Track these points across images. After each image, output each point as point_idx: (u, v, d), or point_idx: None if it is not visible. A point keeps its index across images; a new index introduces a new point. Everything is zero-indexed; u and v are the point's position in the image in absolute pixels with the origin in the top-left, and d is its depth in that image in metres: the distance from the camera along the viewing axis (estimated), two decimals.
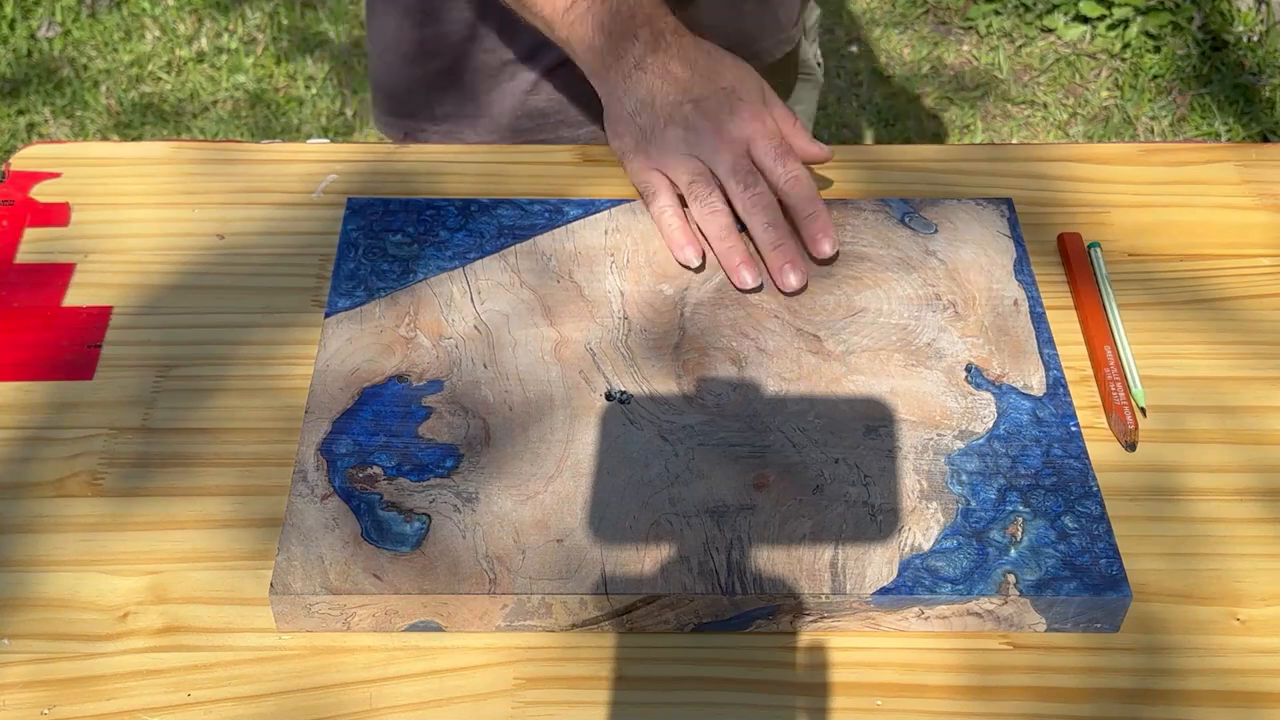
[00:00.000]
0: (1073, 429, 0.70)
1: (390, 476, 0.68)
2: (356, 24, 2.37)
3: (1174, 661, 0.64)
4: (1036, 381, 0.72)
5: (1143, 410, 0.73)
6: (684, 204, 0.79)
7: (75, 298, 0.79)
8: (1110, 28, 2.38)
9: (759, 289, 0.75)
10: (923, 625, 0.64)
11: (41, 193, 0.85)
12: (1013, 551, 0.65)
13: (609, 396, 0.72)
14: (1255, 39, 2.33)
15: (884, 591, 0.63)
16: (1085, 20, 2.40)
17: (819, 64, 1.15)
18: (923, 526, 0.66)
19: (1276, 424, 0.73)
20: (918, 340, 0.75)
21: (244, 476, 0.70)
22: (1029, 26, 2.42)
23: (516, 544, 0.65)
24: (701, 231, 0.78)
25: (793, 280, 0.74)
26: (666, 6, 0.83)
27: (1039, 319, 0.76)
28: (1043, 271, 0.80)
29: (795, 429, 0.70)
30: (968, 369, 0.73)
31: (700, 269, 0.76)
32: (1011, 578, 0.64)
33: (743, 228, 0.79)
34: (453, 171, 0.87)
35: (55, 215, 0.84)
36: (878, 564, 0.64)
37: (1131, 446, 0.72)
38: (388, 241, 0.80)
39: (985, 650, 0.64)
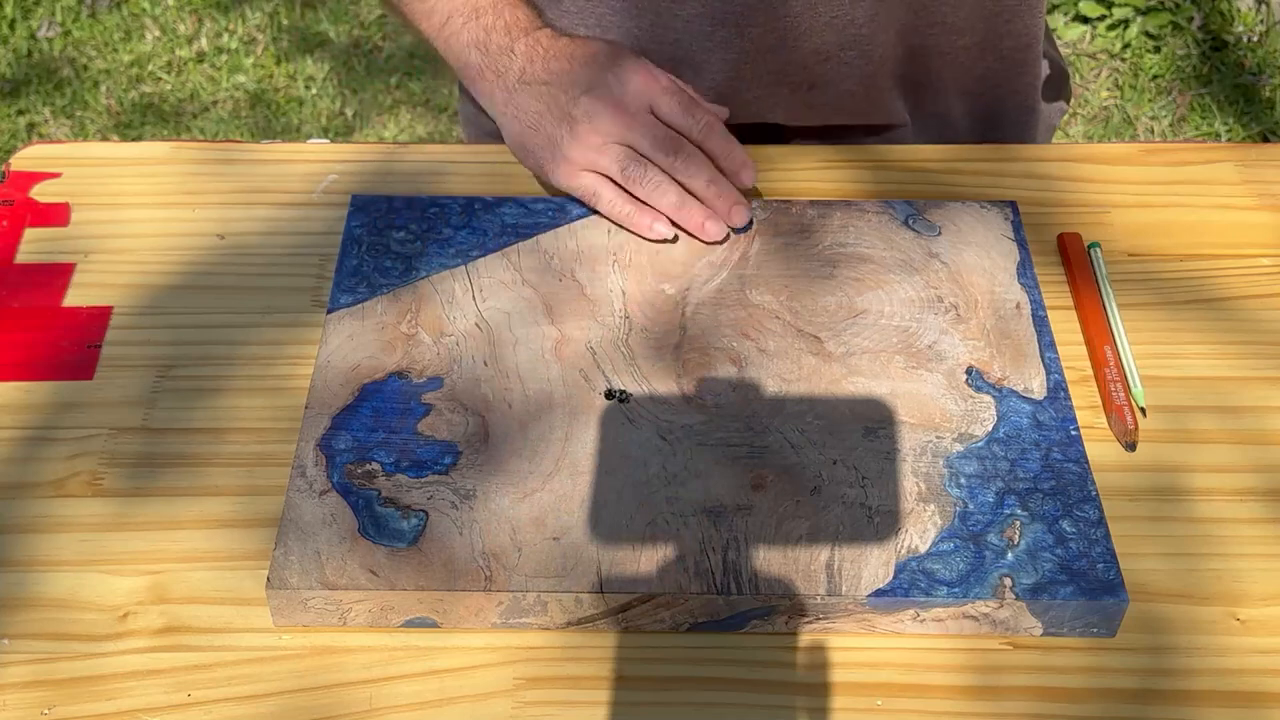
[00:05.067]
0: (1072, 433, 0.70)
1: (388, 473, 0.68)
2: (356, 24, 2.37)
3: (1174, 661, 0.64)
4: (1037, 385, 0.72)
5: (1143, 410, 0.73)
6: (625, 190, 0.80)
7: (75, 298, 0.79)
8: (1110, 28, 2.38)
9: (726, 238, 0.79)
10: (918, 628, 0.64)
11: (41, 193, 0.85)
12: (1009, 555, 0.65)
13: (608, 395, 0.72)
14: (1255, 39, 2.33)
15: (880, 593, 0.63)
16: (1085, 20, 2.40)
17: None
18: (920, 529, 0.66)
19: (1277, 424, 0.73)
20: (919, 342, 0.74)
21: (244, 476, 0.70)
22: None
23: (513, 541, 0.65)
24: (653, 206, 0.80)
25: (741, 216, 0.78)
26: (538, 16, 0.84)
27: (1041, 322, 0.76)
28: (1043, 272, 0.80)
29: (794, 430, 0.70)
30: (968, 372, 0.73)
31: (675, 240, 0.79)
32: (1008, 581, 0.64)
33: None
34: (454, 171, 0.87)
35: (55, 215, 0.84)
36: (874, 566, 0.64)
37: (1131, 446, 0.72)
38: (391, 238, 0.80)
39: (985, 650, 0.64)
